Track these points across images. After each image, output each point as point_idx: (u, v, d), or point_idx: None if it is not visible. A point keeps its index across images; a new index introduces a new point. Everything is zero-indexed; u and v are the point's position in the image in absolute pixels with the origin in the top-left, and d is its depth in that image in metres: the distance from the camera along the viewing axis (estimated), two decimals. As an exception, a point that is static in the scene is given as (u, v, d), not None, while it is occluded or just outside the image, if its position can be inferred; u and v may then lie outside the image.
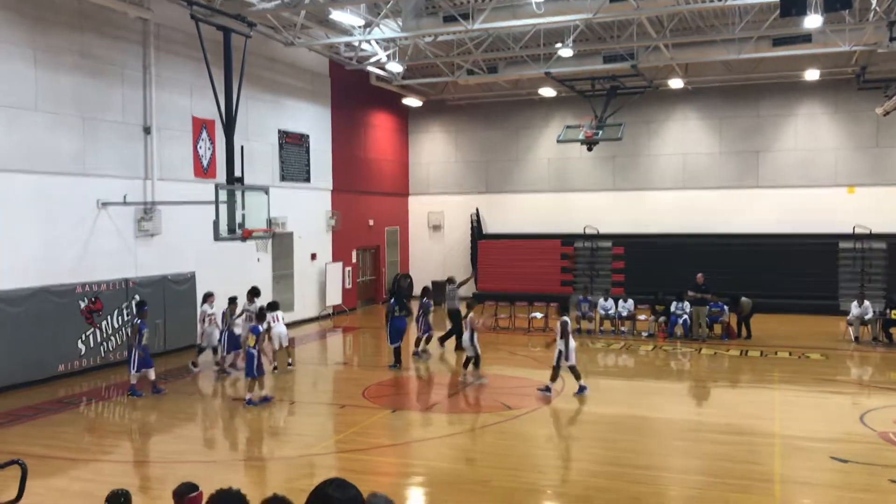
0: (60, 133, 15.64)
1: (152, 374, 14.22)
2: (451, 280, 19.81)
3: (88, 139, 16.23)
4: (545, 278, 27.32)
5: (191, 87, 18.64)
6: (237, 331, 16.06)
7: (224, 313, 16.11)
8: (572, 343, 14.10)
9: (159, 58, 17.88)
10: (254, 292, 16.99)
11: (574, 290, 26.94)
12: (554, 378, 14.02)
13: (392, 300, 17.30)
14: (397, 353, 16.72)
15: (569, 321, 14.30)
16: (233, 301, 16.35)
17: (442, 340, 18.88)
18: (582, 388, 13.90)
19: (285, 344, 16.48)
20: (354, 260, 26.91)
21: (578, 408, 13.35)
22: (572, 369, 13.99)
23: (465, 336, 15.51)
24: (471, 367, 15.55)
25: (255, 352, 13.41)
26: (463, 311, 17.34)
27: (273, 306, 16.45)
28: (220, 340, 16.28)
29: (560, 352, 13.93)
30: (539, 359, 17.01)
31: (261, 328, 13.95)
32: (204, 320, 16.45)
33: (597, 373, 17.11)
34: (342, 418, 12.88)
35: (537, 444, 11.55)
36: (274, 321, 15.92)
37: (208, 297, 16.49)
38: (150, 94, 17.64)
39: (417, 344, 17.98)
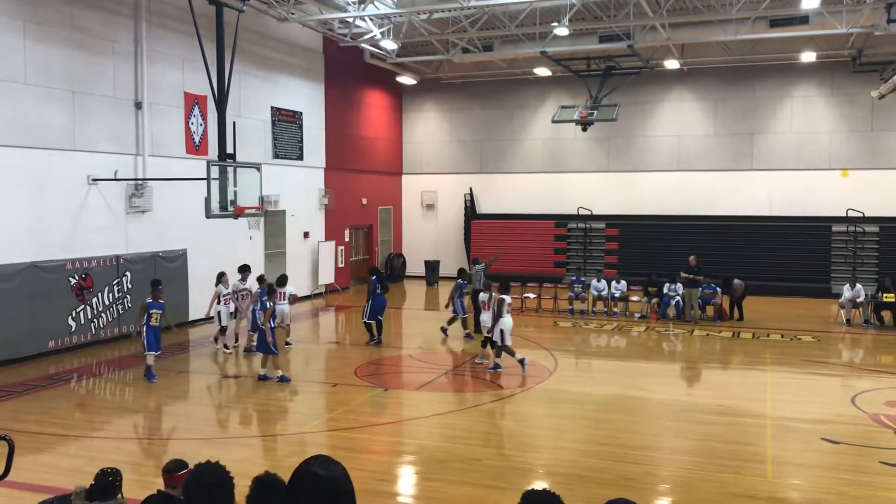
0: (50, 107, 15.45)
1: (151, 359, 13.58)
2: (476, 261, 19.53)
3: (78, 114, 16.05)
4: (538, 259, 27.31)
5: (183, 62, 18.44)
6: (222, 308, 15.97)
7: (253, 293, 15.85)
8: (509, 322, 14.18)
9: (151, 32, 17.66)
10: (245, 268, 16.90)
11: (567, 270, 26.95)
12: (498, 354, 14.27)
13: (374, 278, 17.18)
14: (380, 327, 16.73)
15: (507, 299, 14.29)
16: (262, 280, 16.38)
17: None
18: (496, 367, 14.14)
19: (287, 322, 16.39)
20: (347, 239, 26.82)
21: (570, 388, 13.35)
22: (492, 343, 14.22)
23: (485, 317, 15.19)
24: (489, 348, 15.34)
25: (265, 327, 13.31)
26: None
27: (282, 281, 16.35)
28: (233, 318, 16.25)
29: (502, 331, 14.05)
30: (531, 339, 17.01)
31: (269, 304, 13.75)
32: (218, 300, 16.10)
33: (589, 353, 17.15)
34: (334, 397, 12.86)
35: (529, 424, 11.55)
36: (281, 299, 15.77)
37: (222, 277, 16.21)
38: (141, 68, 17.43)
39: (450, 323, 17.81)
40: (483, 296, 15.66)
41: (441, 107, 30.48)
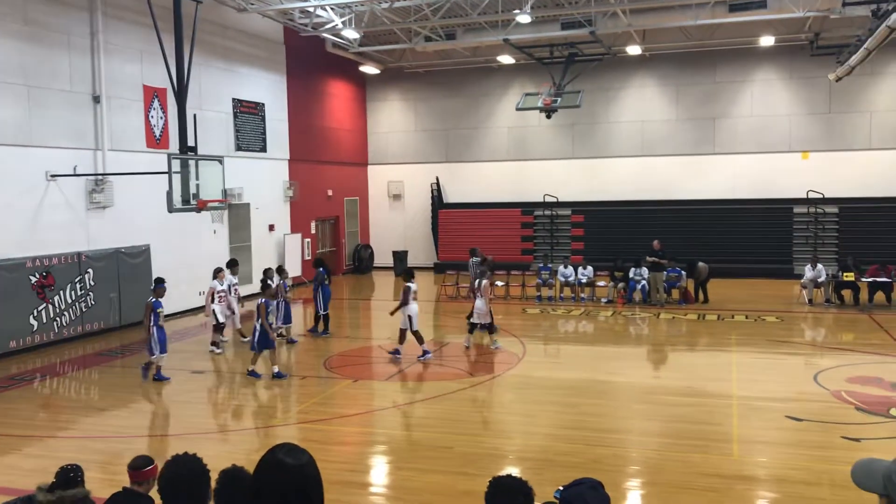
0: (4, 102, 15.12)
1: (164, 360, 13.18)
2: (474, 252, 19.34)
3: (34, 108, 15.72)
4: (506, 247, 27.36)
5: (141, 55, 18.14)
6: (216, 306, 15.55)
7: (278, 286, 15.59)
8: (415, 308, 14.29)
9: (107, 24, 17.34)
10: (234, 263, 16.84)
11: (534, 257, 27.07)
12: (401, 341, 14.38)
13: (321, 269, 17.09)
14: (326, 320, 16.74)
15: (412, 287, 14.36)
16: (281, 270, 16.44)
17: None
18: (426, 353, 14.17)
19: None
20: (313, 231, 26.65)
21: (539, 374, 13.42)
22: (416, 335, 14.17)
23: (480, 303, 15.08)
24: (488, 336, 15.41)
25: (265, 325, 13.10)
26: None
27: (279, 271, 16.45)
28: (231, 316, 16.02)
29: (410, 317, 14.15)
30: (500, 326, 17.03)
31: (267, 302, 13.41)
32: (213, 296, 15.56)
33: (558, 339, 17.25)
34: (304, 389, 12.79)
35: (498, 410, 11.60)
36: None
37: (218, 273, 15.80)
38: (98, 61, 17.11)
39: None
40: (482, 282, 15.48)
41: (405, 96, 30.36)
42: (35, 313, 15.56)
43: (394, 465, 9.24)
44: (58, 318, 16.07)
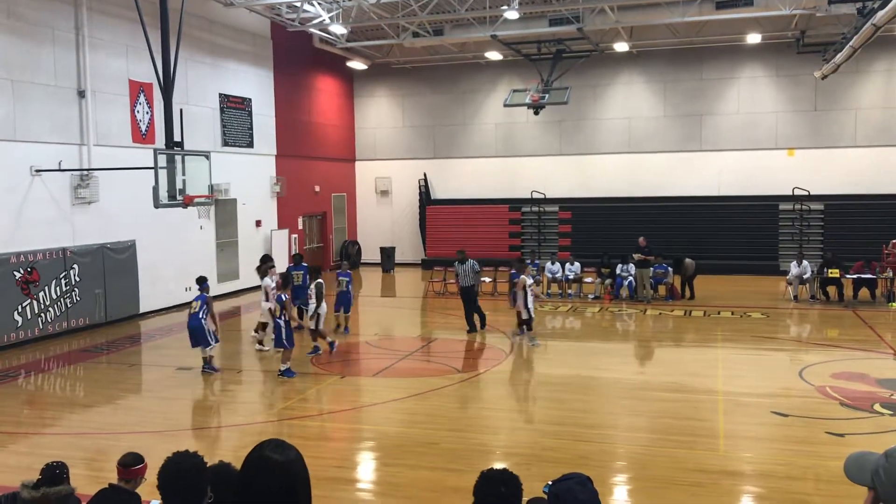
0: (-12, 97, 14.99)
1: (210, 351, 13.24)
2: (461, 251, 18.52)
3: (18, 103, 15.58)
4: (493, 243, 27.40)
5: (126, 49, 18.01)
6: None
7: (291, 274, 15.64)
8: (324, 307, 14.49)
9: (92, 18, 17.20)
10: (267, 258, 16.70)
11: (522, 254, 27.08)
12: (314, 338, 14.61)
13: (292, 267, 16.93)
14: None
15: (323, 283, 14.54)
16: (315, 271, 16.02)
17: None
18: (324, 346, 14.35)
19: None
20: (301, 227, 26.58)
21: (527, 370, 13.45)
22: (315, 331, 14.33)
23: (522, 299, 14.87)
24: (525, 329, 15.31)
25: (282, 322, 12.97)
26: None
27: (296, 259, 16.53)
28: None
29: (319, 315, 14.28)
30: (487, 322, 17.04)
31: (284, 297, 13.29)
32: (266, 295, 14.76)
33: (545, 335, 17.25)
34: (290, 385, 12.74)
35: (486, 406, 11.62)
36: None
37: (270, 270, 15.14)
38: (83, 56, 16.97)
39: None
40: (529, 280, 15.20)
41: (393, 92, 30.30)
42: (19, 309, 15.44)
43: (381, 461, 9.23)
44: (42, 314, 15.96)
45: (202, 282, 13.66)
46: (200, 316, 13.10)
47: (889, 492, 1.95)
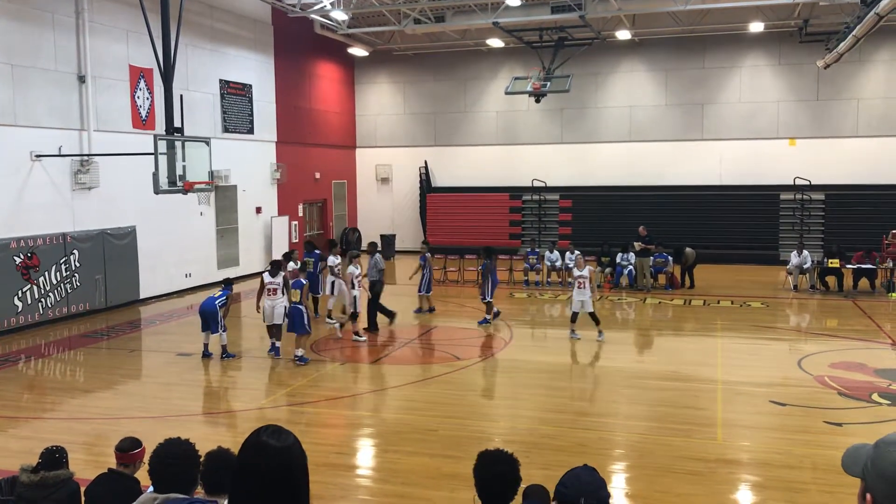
0: (-12, 81, 14.94)
1: (224, 339, 13.31)
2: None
3: (19, 88, 15.54)
4: (494, 231, 27.37)
5: (127, 34, 17.95)
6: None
7: (306, 262, 15.76)
8: (357, 291, 14.70)
9: (93, 3, 17.12)
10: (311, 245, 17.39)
11: (522, 242, 27.09)
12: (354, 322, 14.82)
13: (305, 254, 17.00)
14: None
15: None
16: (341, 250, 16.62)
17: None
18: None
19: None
20: (301, 214, 26.55)
21: (526, 357, 13.47)
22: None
23: (581, 293, 14.57)
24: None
25: (302, 307, 13.01)
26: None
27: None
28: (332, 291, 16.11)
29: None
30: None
31: (303, 282, 13.33)
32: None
33: (544, 323, 17.31)
34: (291, 371, 12.78)
35: (485, 394, 11.65)
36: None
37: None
38: (83, 41, 16.91)
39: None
40: (578, 272, 14.98)
41: (394, 79, 30.21)
42: (20, 294, 15.46)
43: (380, 447, 9.26)
44: (43, 300, 15.98)
45: (228, 283, 13.93)
46: (217, 302, 13.18)
47: (875, 481, 1.94)
